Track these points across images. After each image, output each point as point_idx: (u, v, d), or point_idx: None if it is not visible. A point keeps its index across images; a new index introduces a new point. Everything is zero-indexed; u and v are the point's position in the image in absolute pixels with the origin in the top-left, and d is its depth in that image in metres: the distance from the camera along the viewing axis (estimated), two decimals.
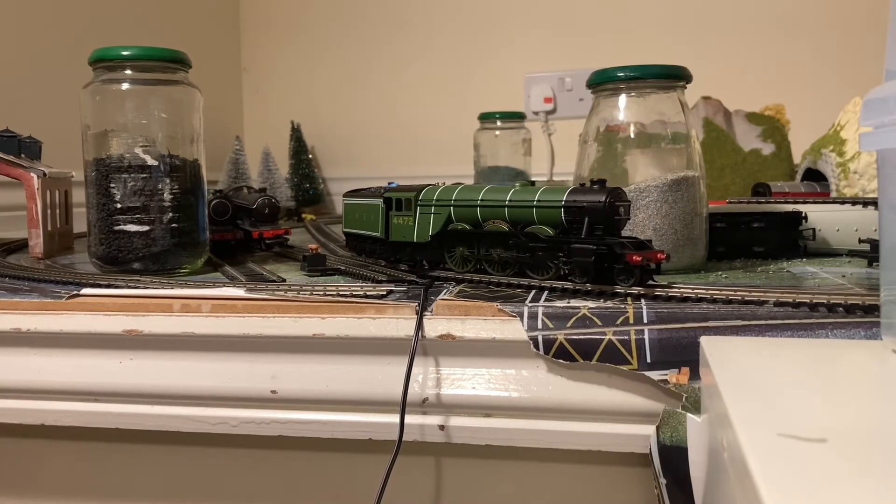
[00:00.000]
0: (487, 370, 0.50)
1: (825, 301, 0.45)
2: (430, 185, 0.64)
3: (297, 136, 1.83)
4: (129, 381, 0.55)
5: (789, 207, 0.73)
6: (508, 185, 0.59)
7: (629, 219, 0.54)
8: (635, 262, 0.49)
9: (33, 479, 0.63)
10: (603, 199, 0.51)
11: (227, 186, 1.53)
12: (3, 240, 0.99)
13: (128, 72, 0.67)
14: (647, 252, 0.50)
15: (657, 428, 0.44)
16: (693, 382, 0.44)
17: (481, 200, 0.59)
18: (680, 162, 0.63)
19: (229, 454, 0.59)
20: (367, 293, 0.54)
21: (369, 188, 0.73)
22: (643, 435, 0.47)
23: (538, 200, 0.55)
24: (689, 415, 0.43)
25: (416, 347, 0.49)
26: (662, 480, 0.44)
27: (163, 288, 0.58)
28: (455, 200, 0.61)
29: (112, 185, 0.66)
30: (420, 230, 0.63)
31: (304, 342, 0.52)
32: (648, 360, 0.45)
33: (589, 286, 0.52)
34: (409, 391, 0.49)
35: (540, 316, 0.48)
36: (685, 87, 0.64)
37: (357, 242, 0.74)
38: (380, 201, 0.67)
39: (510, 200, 0.57)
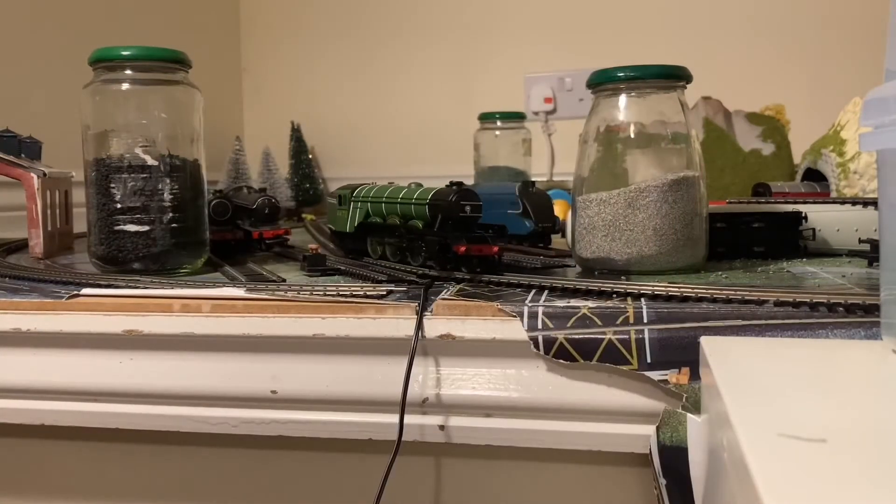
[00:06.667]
0: (487, 370, 0.50)
1: (825, 301, 0.45)
2: (366, 184, 0.74)
3: (297, 136, 1.83)
4: (129, 381, 0.55)
5: (789, 207, 0.73)
6: (403, 186, 0.68)
7: (480, 216, 0.61)
8: (460, 253, 0.58)
9: (33, 479, 0.63)
10: (450, 198, 0.60)
11: (227, 186, 1.53)
12: (3, 240, 0.99)
13: (128, 72, 0.67)
14: (474, 245, 0.59)
15: (657, 428, 0.45)
16: (693, 382, 0.44)
17: (385, 198, 0.69)
18: (680, 162, 0.63)
19: (229, 454, 0.59)
20: (367, 293, 0.54)
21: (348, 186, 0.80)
22: (643, 435, 0.47)
23: (415, 199, 0.64)
24: (689, 415, 0.43)
25: (415, 347, 0.49)
26: (662, 481, 0.44)
27: (163, 288, 0.58)
28: (371, 198, 0.71)
29: (112, 185, 0.66)
30: (350, 222, 0.74)
31: (304, 342, 0.52)
32: (648, 360, 0.45)
33: (583, 285, 0.53)
34: (408, 391, 0.49)
35: (540, 316, 0.48)
36: (685, 87, 0.64)
37: (332, 236, 0.84)
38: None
39: (401, 199, 0.67)
